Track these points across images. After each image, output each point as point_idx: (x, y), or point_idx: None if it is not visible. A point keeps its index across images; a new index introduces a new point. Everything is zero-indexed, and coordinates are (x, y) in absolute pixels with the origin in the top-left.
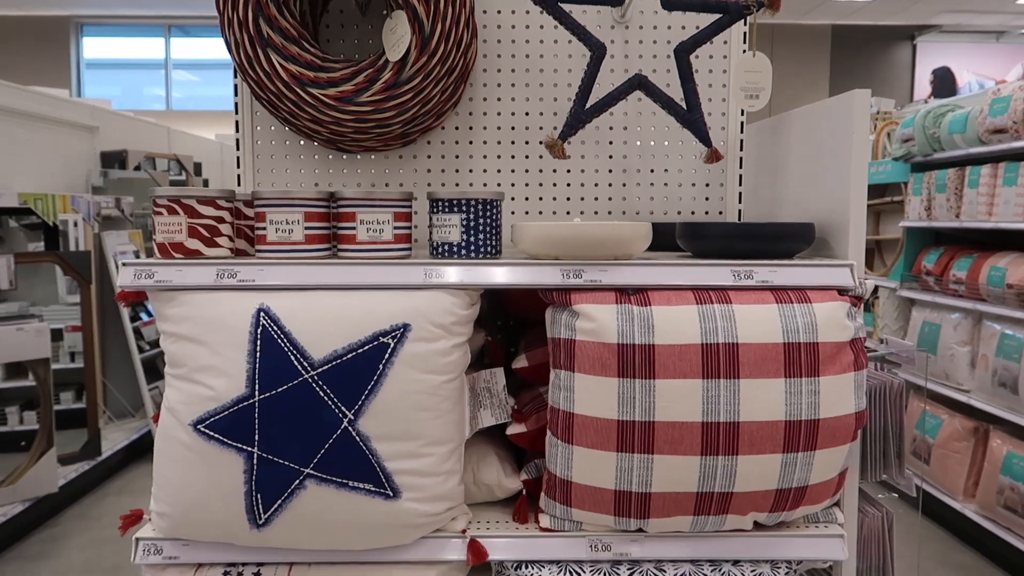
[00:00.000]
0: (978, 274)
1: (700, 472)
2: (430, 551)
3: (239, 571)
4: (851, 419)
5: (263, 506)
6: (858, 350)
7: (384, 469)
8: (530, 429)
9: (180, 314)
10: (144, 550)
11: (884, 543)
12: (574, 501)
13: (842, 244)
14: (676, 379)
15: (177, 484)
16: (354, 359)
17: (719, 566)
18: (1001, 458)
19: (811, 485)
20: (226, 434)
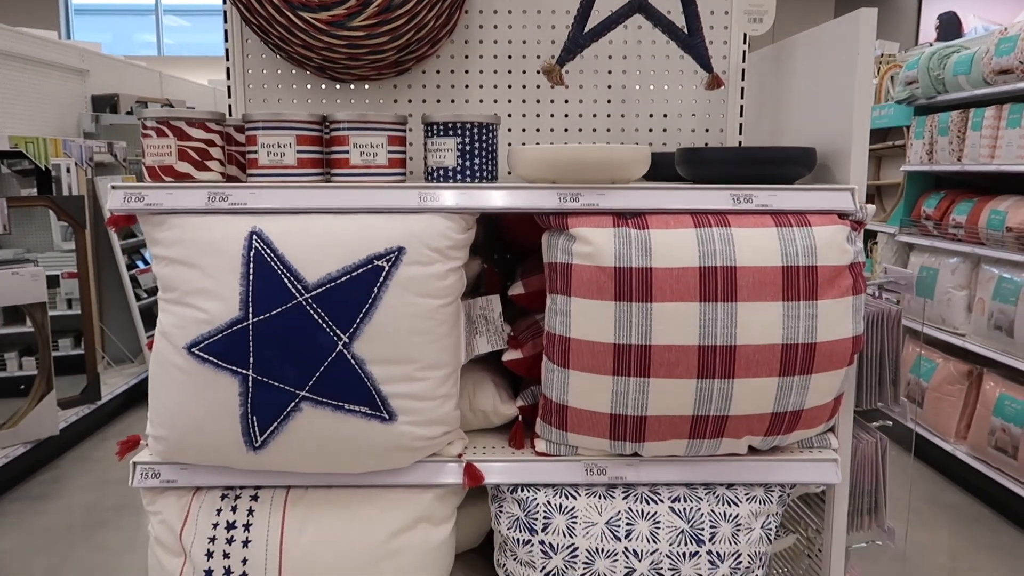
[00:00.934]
0: (978, 218)
1: (696, 396)
2: (426, 475)
3: (236, 494)
4: (848, 343)
5: (259, 428)
6: (857, 274)
7: (380, 392)
8: (526, 356)
9: (171, 237)
10: (142, 474)
11: (877, 469)
12: (570, 425)
13: (844, 170)
14: (673, 302)
15: (172, 408)
16: (348, 282)
17: (713, 489)
18: (994, 400)
19: (806, 409)
20: (220, 357)
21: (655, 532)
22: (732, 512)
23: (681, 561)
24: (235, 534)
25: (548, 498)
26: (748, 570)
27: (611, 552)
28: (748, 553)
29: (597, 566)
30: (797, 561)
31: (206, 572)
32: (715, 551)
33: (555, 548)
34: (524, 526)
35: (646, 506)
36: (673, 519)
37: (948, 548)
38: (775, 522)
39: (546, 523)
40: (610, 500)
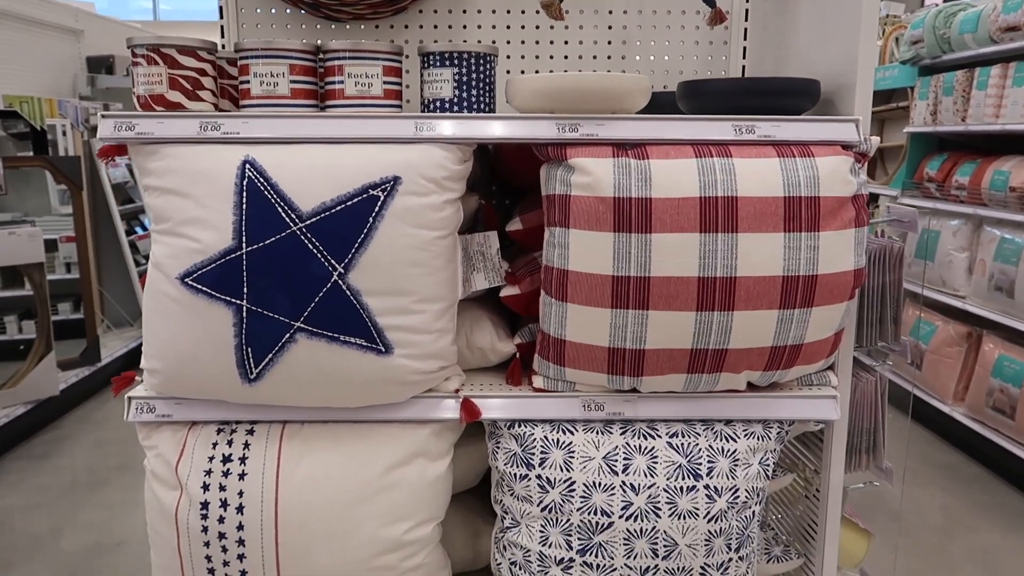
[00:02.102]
0: (981, 179)
1: (695, 328)
2: (423, 410)
3: (232, 429)
4: (850, 276)
5: (254, 360)
6: (860, 206)
7: (376, 324)
8: (524, 292)
9: (163, 167)
10: (137, 408)
11: (876, 407)
12: (568, 360)
13: (848, 103)
14: (673, 233)
15: (166, 339)
16: (343, 212)
17: (711, 425)
18: (993, 361)
19: (806, 343)
20: (214, 287)
21: (652, 467)
22: (730, 447)
23: (678, 495)
24: (231, 467)
25: (545, 433)
26: (745, 505)
27: (608, 486)
28: (745, 488)
29: (594, 500)
30: (794, 504)
31: (202, 504)
32: (712, 485)
33: (552, 482)
34: (521, 461)
35: (644, 441)
36: (671, 454)
37: (942, 506)
38: (773, 459)
39: (543, 458)
40: (608, 435)
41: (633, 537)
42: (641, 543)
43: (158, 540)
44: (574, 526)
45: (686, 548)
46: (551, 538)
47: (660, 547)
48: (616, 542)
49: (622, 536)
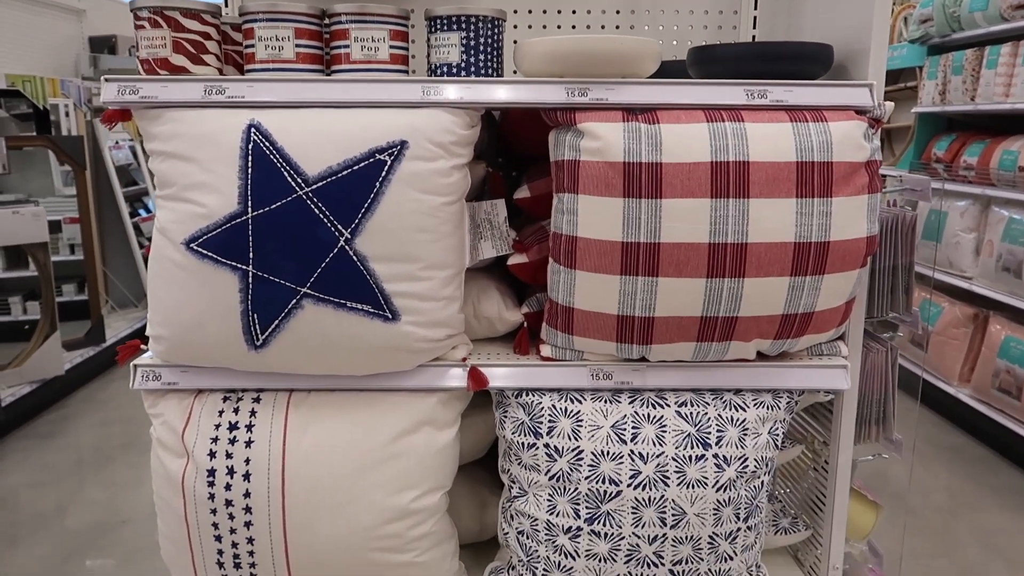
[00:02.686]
0: (989, 159)
1: (705, 296)
2: (430, 378)
3: (238, 397)
4: (862, 243)
5: (260, 326)
6: (873, 172)
7: (383, 290)
8: (532, 260)
9: (167, 131)
10: (143, 376)
11: (887, 378)
12: (576, 328)
13: (862, 69)
14: (683, 199)
15: (172, 305)
16: (349, 176)
17: (720, 395)
18: (999, 342)
19: (817, 312)
20: (219, 252)
21: (661, 436)
22: (739, 417)
23: (687, 464)
24: (237, 435)
25: (553, 402)
26: (754, 475)
27: (616, 455)
28: (755, 458)
29: (602, 469)
30: (802, 478)
31: (209, 472)
32: (722, 455)
33: (560, 451)
34: (529, 430)
35: (652, 410)
36: (680, 423)
37: (947, 487)
38: (782, 429)
39: (551, 427)
40: (616, 404)
41: (641, 506)
42: (649, 512)
43: (164, 508)
44: (582, 495)
45: (694, 517)
46: (559, 507)
47: (668, 516)
48: (624, 511)
49: (630, 505)
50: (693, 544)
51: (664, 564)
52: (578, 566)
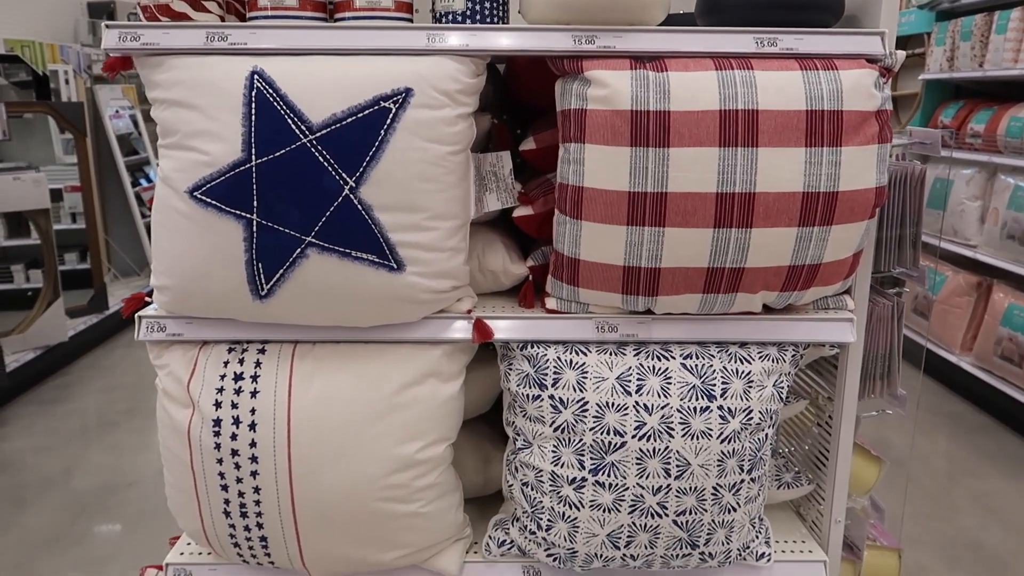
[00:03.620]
0: (996, 126)
1: (712, 246)
2: (435, 330)
3: (243, 348)
4: (871, 194)
5: (264, 276)
6: (883, 122)
7: (387, 240)
8: (537, 212)
9: (170, 79)
10: (147, 327)
11: (892, 332)
12: (581, 280)
13: (873, 18)
14: (691, 147)
15: (176, 255)
16: (354, 124)
17: (726, 348)
18: (1002, 310)
19: (824, 263)
20: (223, 200)
21: (666, 387)
22: (744, 369)
23: (692, 416)
24: (243, 385)
25: (558, 354)
26: (759, 427)
27: (621, 406)
28: (759, 410)
29: (607, 420)
30: (805, 436)
31: (214, 422)
32: (726, 406)
33: (565, 403)
34: (534, 382)
35: (657, 362)
36: (684, 375)
37: (946, 453)
38: (787, 382)
39: (556, 378)
40: (621, 357)
41: (646, 457)
42: (654, 463)
43: (171, 458)
44: (587, 446)
45: (699, 468)
46: (563, 458)
47: (673, 467)
48: (629, 462)
49: (635, 456)
50: (697, 495)
51: (668, 514)
52: (582, 516)
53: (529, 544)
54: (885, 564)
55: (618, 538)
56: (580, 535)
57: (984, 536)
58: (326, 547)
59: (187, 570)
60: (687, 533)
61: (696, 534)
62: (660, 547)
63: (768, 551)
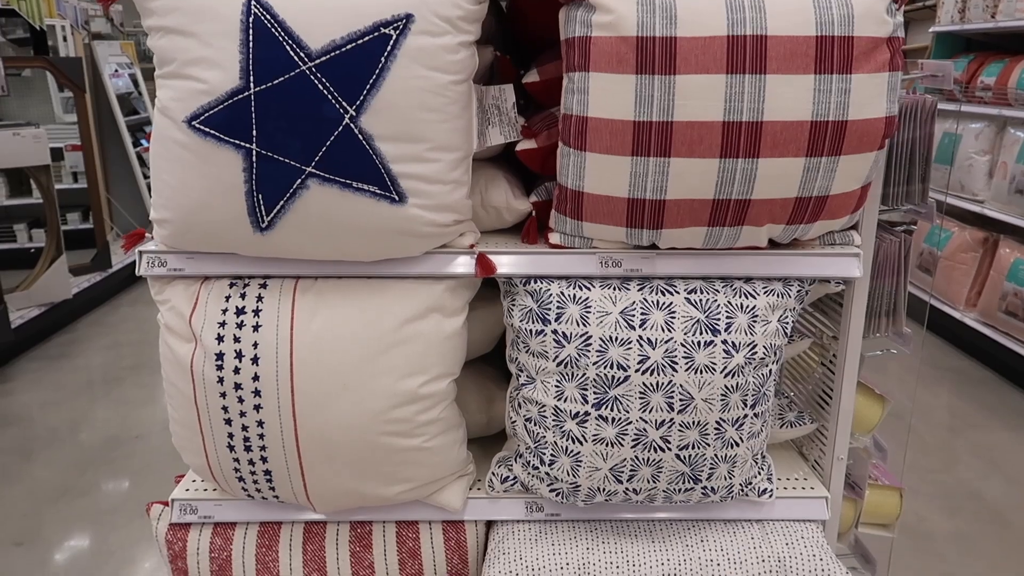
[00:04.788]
0: (1007, 78)
1: (718, 176)
2: (438, 265)
3: (245, 283)
4: (880, 123)
5: (265, 207)
6: (895, 49)
7: (389, 171)
8: (540, 146)
9: (165, 5)
10: (148, 262)
11: (899, 269)
12: (586, 214)
13: None
14: (698, 74)
15: (176, 187)
16: (354, 50)
17: (731, 283)
18: (1008, 265)
19: (832, 195)
20: (222, 129)
21: (670, 322)
22: (749, 304)
23: (695, 350)
24: (245, 320)
25: (562, 289)
26: (763, 362)
27: (625, 340)
28: (763, 345)
29: (610, 354)
30: (808, 378)
31: (217, 356)
32: (730, 341)
33: (568, 337)
34: (537, 317)
35: (661, 297)
36: (689, 309)
37: (948, 406)
38: (792, 318)
39: (559, 313)
40: (625, 292)
41: (649, 391)
42: (657, 397)
43: (174, 393)
44: (590, 380)
45: (702, 402)
46: (566, 392)
47: (676, 401)
48: (632, 396)
49: (638, 390)
50: (700, 429)
51: (671, 448)
52: (585, 451)
53: (532, 479)
54: (886, 503)
55: (621, 472)
56: (583, 469)
57: (984, 487)
58: (330, 481)
59: (193, 505)
60: (689, 467)
61: (698, 468)
62: (662, 481)
63: (770, 487)
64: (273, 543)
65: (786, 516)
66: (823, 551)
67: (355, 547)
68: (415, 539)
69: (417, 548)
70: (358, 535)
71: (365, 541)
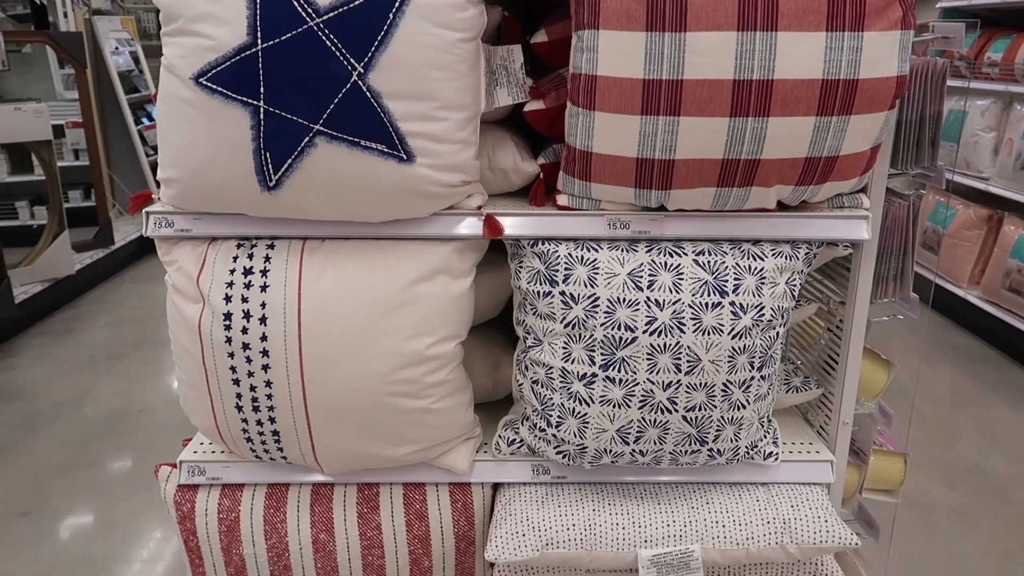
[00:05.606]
0: (1015, 54)
1: (728, 136)
2: (445, 226)
3: (253, 244)
4: (892, 83)
5: (273, 166)
6: (907, 7)
7: (397, 129)
8: (549, 107)
9: None
10: (155, 223)
11: (907, 232)
12: (594, 175)
13: None
14: (708, 31)
15: (183, 145)
16: (362, 6)
17: (739, 245)
18: (1012, 242)
19: (842, 156)
20: (229, 86)
21: (678, 283)
22: (757, 266)
23: (703, 311)
24: (252, 280)
25: (569, 251)
26: (770, 324)
27: (633, 302)
28: (771, 307)
29: (618, 315)
30: (814, 345)
31: (225, 316)
32: (738, 302)
33: (576, 299)
34: (545, 278)
35: (669, 259)
36: (697, 271)
37: (950, 383)
38: (800, 280)
39: (567, 274)
40: (633, 253)
41: (656, 352)
42: (664, 358)
43: (182, 354)
44: (597, 341)
45: (709, 364)
46: (574, 354)
47: (683, 362)
48: (639, 357)
49: (645, 351)
50: (707, 391)
51: (677, 410)
52: (592, 412)
53: (538, 442)
54: (891, 468)
55: (627, 433)
56: (590, 431)
57: (985, 462)
58: (338, 442)
59: (200, 467)
60: (696, 429)
61: (705, 430)
62: (669, 443)
63: (776, 450)
64: (281, 504)
65: (791, 479)
66: (828, 513)
67: (363, 508)
68: (422, 501)
69: (424, 510)
70: (365, 497)
71: (372, 503)
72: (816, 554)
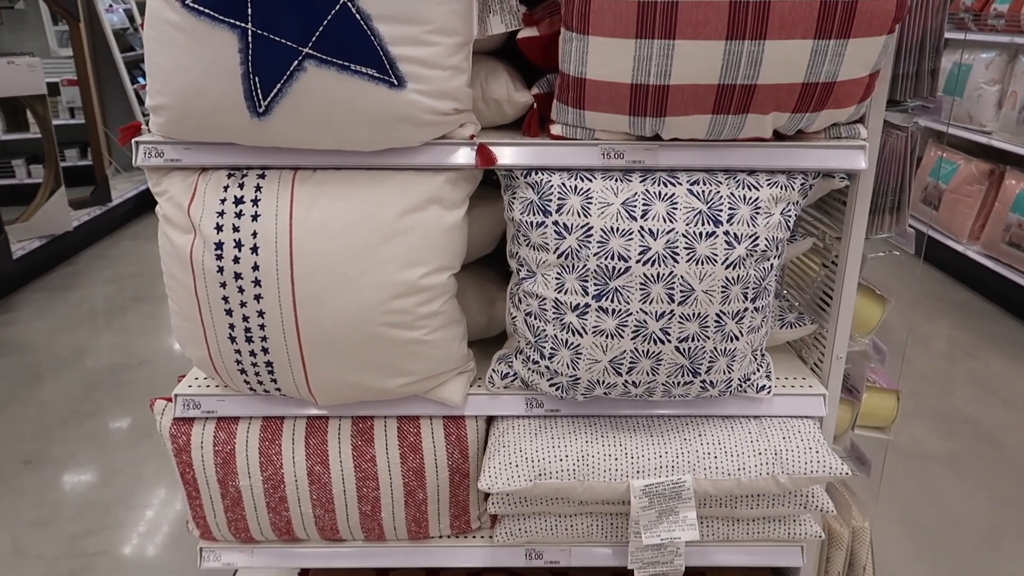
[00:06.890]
0: (1022, 5)
1: (724, 60)
2: (438, 156)
3: (243, 174)
4: (892, 5)
5: (262, 91)
6: None
7: (387, 53)
8: (542, 34)
9: None
10: (145, 153)
11: (904, 164)
12: (588, 102)
13: None
14: None
15: (171, 71)
16: None
17: (734, 175)
18: (1013, 196)
19: (839, 82)
20: (217, 8)
21: (672, 213)
22: (752, 196)
23: (697, 240)
24: (244, 209)
25: (563, 180)
26: (764, 255)
27: (626, 231)
28: (766, 237)
29: (612, 245)
30: (809, 285)
31: (216, 245)
32: (732, 232)
33: (569, 228)
34: (538, 208)
35: (664, 188)
36: (691, 200)
37: (948, 336)
38: (795, 211)
39: (560, 204)
40: (627, 183)
41: (650, 282)
42: (657, 288)
43: (175, 285)
44: (590, 271)
45: (702, 294)
46: (567, 284)
47: (676, 292)
48: (632, 287)
49: (638, 281)
50: (700, 321)
51: (671, 340)
52: (585, 343)
53: (532, 375)
54: (883, 405)
55: (620, 364)
56: (583, 362)
57: (980, 413)
58: (332, 373)
59: (196, 401)
60: (689, 360)
61: (698, 361)
62: (662, 374)
63: (768, 384)
64: (276, 437)
65: (784, 413)
66: (819, 444)
67: (357, 441)
68: (416, 433)
69: (418, 442)
70: (360, 430)
71: (367, 435)
72: (807, 484)
